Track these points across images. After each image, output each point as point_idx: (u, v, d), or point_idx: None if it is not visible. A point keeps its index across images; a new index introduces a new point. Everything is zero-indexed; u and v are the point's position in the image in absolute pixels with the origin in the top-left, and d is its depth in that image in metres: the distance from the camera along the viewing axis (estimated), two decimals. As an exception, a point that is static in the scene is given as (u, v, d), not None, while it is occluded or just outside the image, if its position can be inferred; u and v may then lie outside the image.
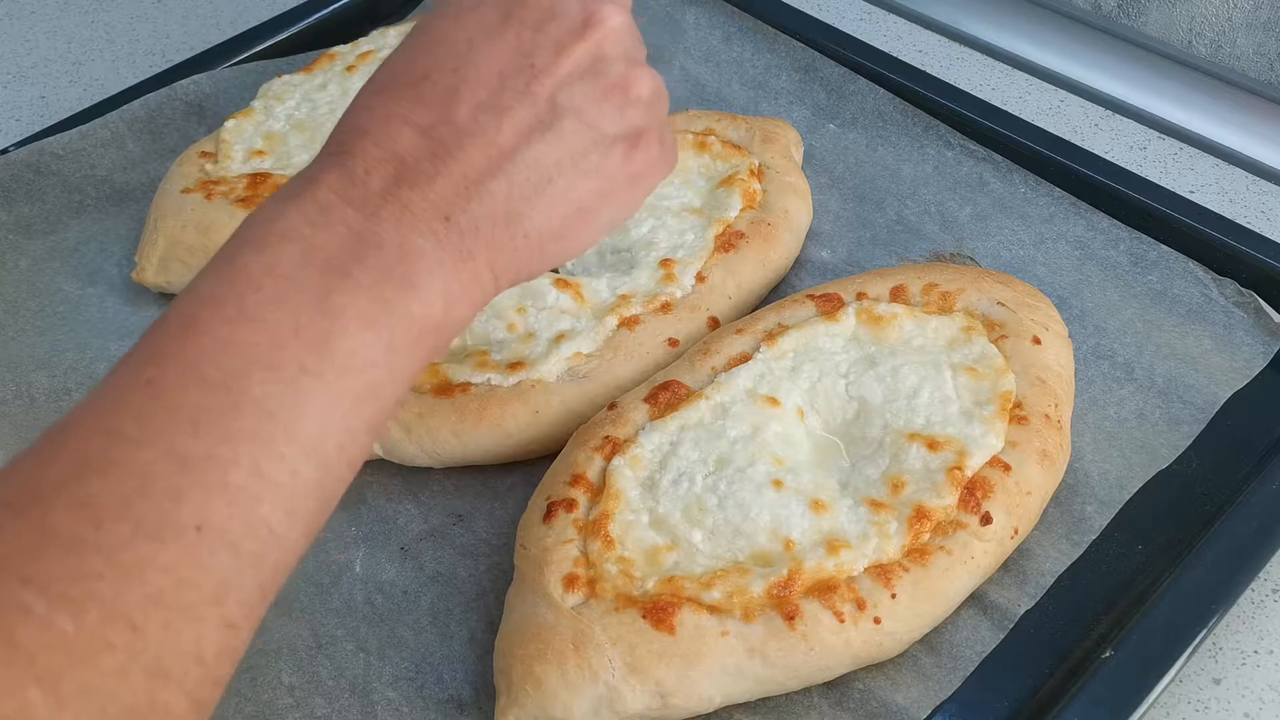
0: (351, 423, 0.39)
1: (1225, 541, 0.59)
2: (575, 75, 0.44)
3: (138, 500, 0.34)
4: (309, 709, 0.56)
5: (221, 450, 0.35)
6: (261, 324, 0.38)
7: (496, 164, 0.43)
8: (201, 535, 0.34)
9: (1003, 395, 0.61)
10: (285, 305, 0.38)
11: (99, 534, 0.33)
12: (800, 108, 0.87)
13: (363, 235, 0.40)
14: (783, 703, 0.55)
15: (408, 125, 0.42)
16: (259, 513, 0.36)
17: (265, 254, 0.39)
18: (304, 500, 0.38)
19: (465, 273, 0.42)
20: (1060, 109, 0.90)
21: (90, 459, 0.34)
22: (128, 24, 1.04)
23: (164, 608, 0.33)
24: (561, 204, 0.44)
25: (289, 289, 0.38)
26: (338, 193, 0.41)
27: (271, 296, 0.38)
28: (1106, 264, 0.74)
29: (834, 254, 0.78)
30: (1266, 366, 0.68)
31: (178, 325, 0.38)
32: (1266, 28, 0.86)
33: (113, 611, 0.32)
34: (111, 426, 0.35)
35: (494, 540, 0.63)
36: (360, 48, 0.87)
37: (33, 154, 0.82)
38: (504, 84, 0.43)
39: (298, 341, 0.38)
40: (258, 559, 0.36)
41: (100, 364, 0.72)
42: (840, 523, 0.57)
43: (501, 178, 0.43)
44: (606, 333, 0.68)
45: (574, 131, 0.44)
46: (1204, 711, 0.56)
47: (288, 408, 0.37)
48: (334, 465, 0.39)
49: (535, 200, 0.44)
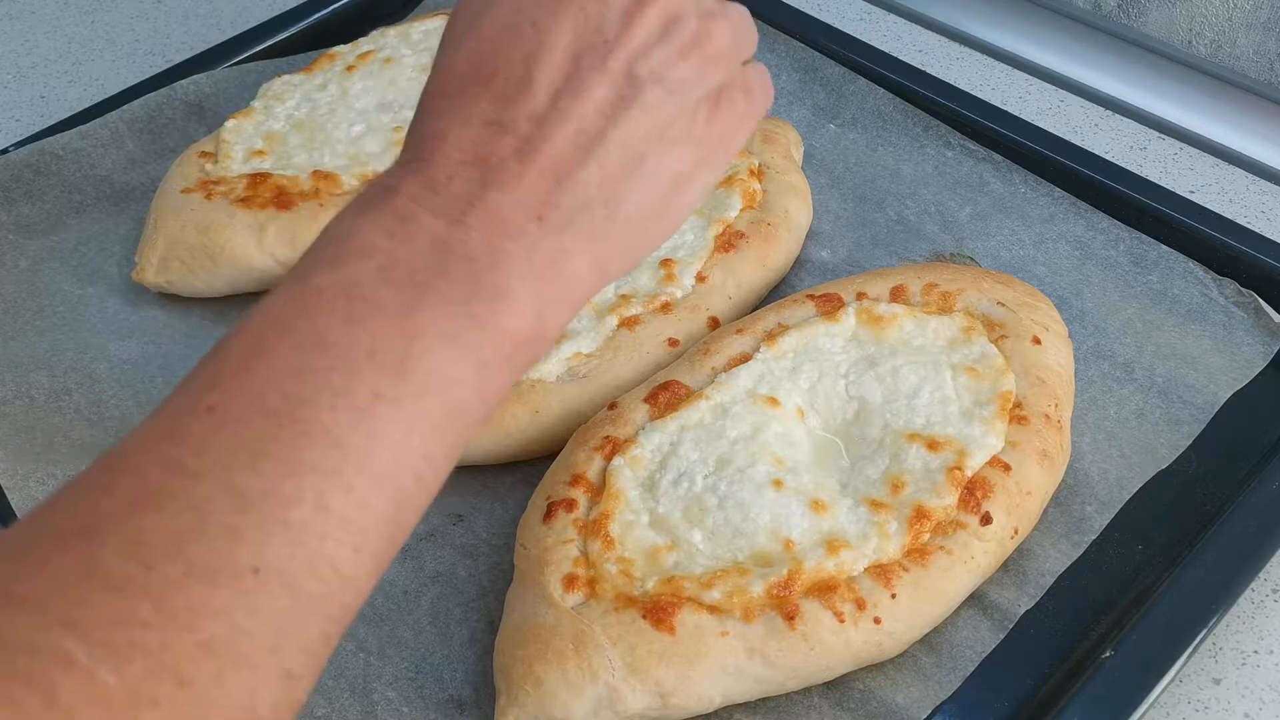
0: (431, 449, 0.36)
1: (1225, 541, 0.59)
2: (650, 42, 0.41)
3: (191, 539, 0.32)
4: (309, 709, 0.56)
5: (284, 484, 0.33)
6: (333, 348, 0.35)
7: (586, 150, 0.40)
8: (259, 578, 0.32)
9: (1003, 395, 0.61)
10: (361, 326, 0.36)
11: (149, 576, 0.31)
12: (800, 108, 0.87)
13: (448, 245, 0.38)
14: (783, 703, 0.55)
15: (487, 124, 0.40)
16: (323, 551, 0.33)
17: (339, 271, 0.37)
18: (374, 536, 0.35)
19: (562, 275, 0.40)
20: (1060, 109, 0.90)
21: (145, 492, 0.32)
22: (128, 24, 1.04)
23: (216, 657, 0.31)
24: (656, 180, 0.42)
25: (365, 309, 0.36)
26: (418, 201, 0.38)
27: (345, 317, 0.36)
28: (1106, 264, 0.74)
29: (834, 254, 0.78)
30: (1266, 366, 0.68)
31: (242, 349, 0.35)
32: (1266, 28, 0.86)
33: (159, 663, 0.30)
34: (169, 456, 0.33)
35: (494, 540, 0.63)
36: (360, 48, 0.87)
37: (33, 154, 0.82)
38: (579, 64, 0.40)
39: (372, 365, 0.35)
40: (321, 602, 0.33)
41: (100, 364, 0.72)
42: (840, 523, 0.57)
43: (592, 164, 0.40)
44: (606, 332, 0.68)
45: (658, 101, 0.41)
46: (1204, 711, 0.56)
47: (359, 436, 0.34)
48: (409, 496, 0.36)
49: (630, 181, 0.41)
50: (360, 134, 0.80)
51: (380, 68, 0.84)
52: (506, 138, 0.40)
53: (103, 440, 0.68)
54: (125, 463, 0.33)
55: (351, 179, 0.77)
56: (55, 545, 0.31)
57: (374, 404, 0.35)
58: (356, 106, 0.82)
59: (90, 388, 0.71)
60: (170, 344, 0.74)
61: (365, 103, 0.82)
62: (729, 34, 0.44)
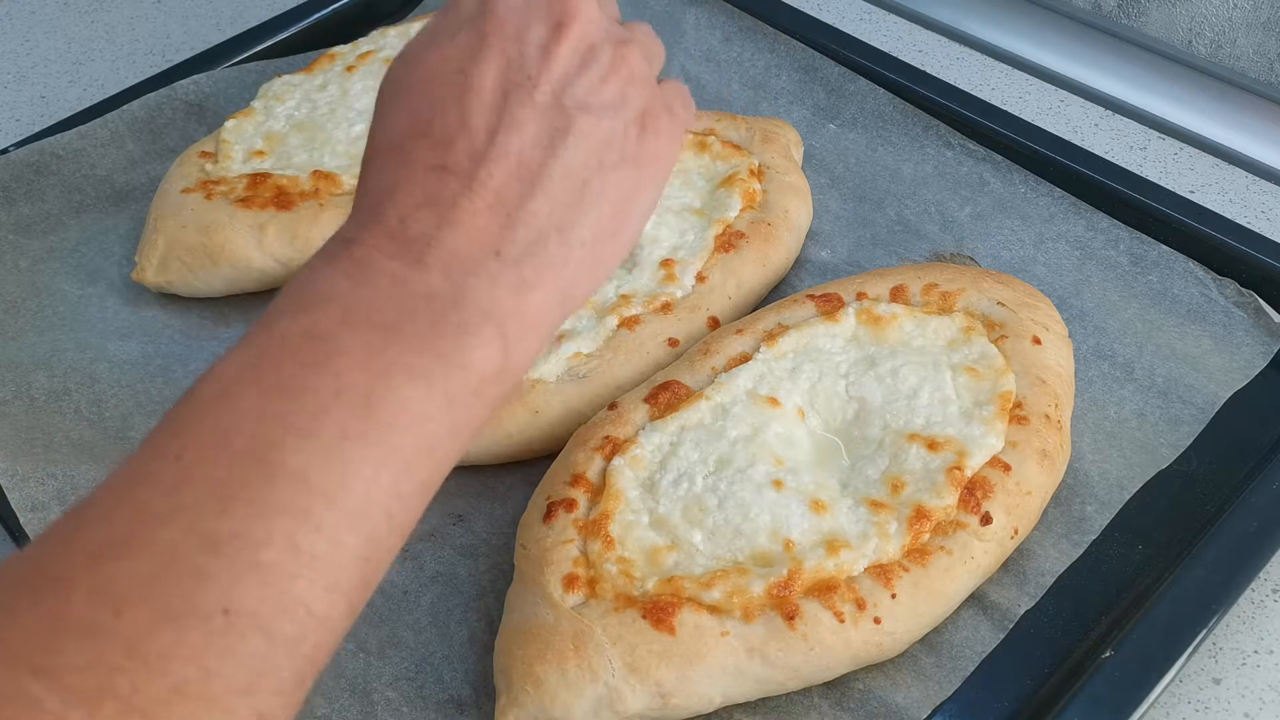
0: (402, 486, 0.37)
1: (1225, 541, 0.59)
2: (571, 73, 0.43)
3: (161, 582, 0.32)
4: (309, 709, 0.56)
5: (253, 526, 0.33)
6: (299, 391, 0.35)
7: (531, 183, 0.41)
8: (230, 619, 0.32)
9: (1003, 395, 0.61)
10: (326, 369, 0.36)
11: (119, 621, 0.31)
12: (800, 108, 0.87)
13: (409, 286, 0.38)
14: (783, 703, 0.55)
15: (432, 170, 0.41)
16: (295, 592, 0.33)
17: (303, 318, 0.37)
18: (347, 575, 0.35)
19: (526, 306, 0.40)
20: (1060, 109, 0.90)
21: (114, 538, 0.32)
22: (128, 24, 1.04)
23: (187, 700, 0.31)
24: (603, 203, 0.43)
25: (330, 352, 0.36)
26: (377, 247, 0.39)
27: (310, 361, 0.36)
28: (1106, 264, 0.74)
29: (834, 254, 0.78)
30: (1266, 366, 0.68)
31: (209, 396, 0.36)
32: (1266, 28, 0.86)
33: (130, 707, 0.30)
34: (137, 502, 0.33)
35: (494, 540, 0.63)
36: (360, 48, 0.87)
37: (33, 154, 0.82)
38: (508, 100, 0.42)
39: (339, 404, 0.35)
40: (295, 643, 0.33)
41: (100, 364, 0.72)
42: (840, 523, 0.57)
43: (540, 195, 0.41)
44: (607, 332, 0.68)
45: (590, 128, 0.43)
46: (1204, 711, 0.56)
47: (328, 475, 0.34)
48: (382, 534, 0.36)
49: (579, 208, 0.42)
50: (360, 134, 0.80)
51: (380, 68, 0.84)
52: (452, 179, 0.40)
53: (103, 440, 0.68)
54: (95, 511, 0.33)
55: (351, 179, 0.77)
56: (26, 595, 0.31)
57: (341, 443, 0.35)
58: (357, 106, 0.82)
59: (90, 388, 0.71)
60: (170, 344, 0.74)
61: (365, 103, 0.82)
62: (642, 56, 0.45)
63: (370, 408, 0.36)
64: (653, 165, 0.45)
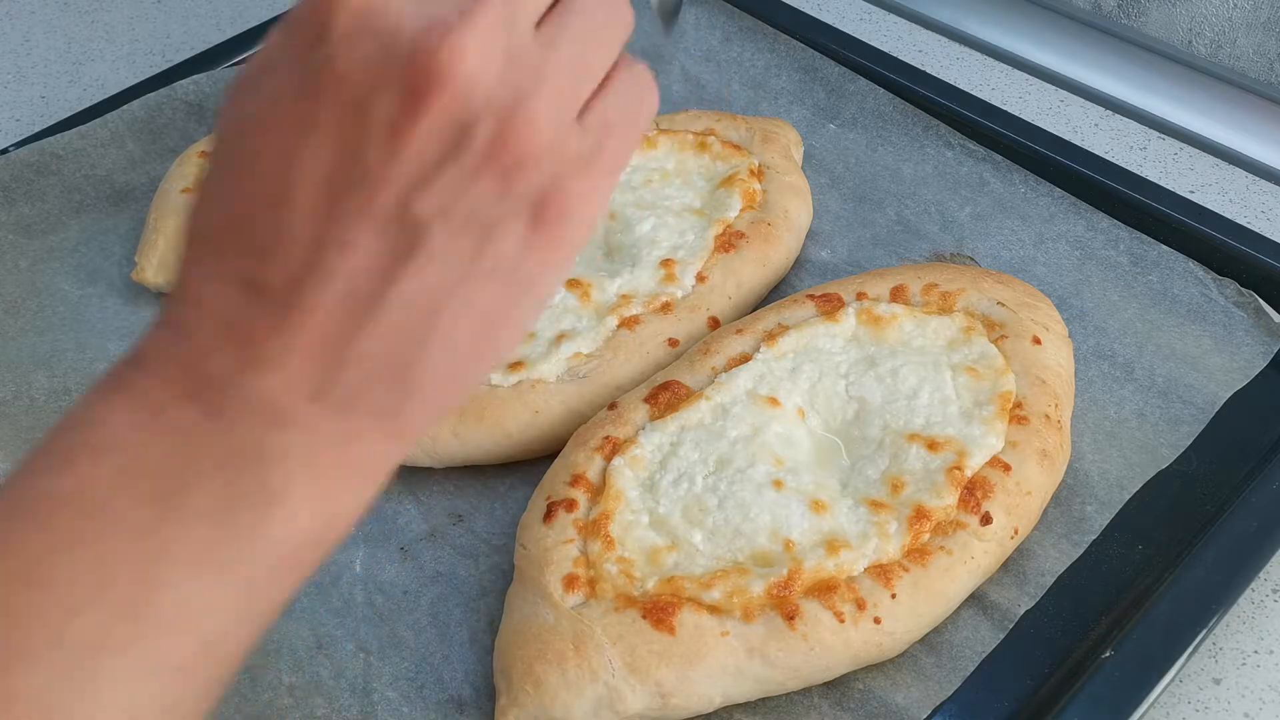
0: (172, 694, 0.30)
1: (1225, 541, 0.59)
2: (428, 168, 0.31)
3: None
4: (309, 709, 0.56)
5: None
6: (51, 584, 0.29)
7: (361, 316, 0.32)
8: None
9: (1003, 395, 0.61)
10: (89, 550, 0.29)
11: None
12: (800, 108, 0.87)
13: (202, 442, 0.31)
14: (783, 703, 0.55)
15: (243, 286, 0.32)
16: None
17: (69, 475, 0.30)
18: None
19: (350, 460, 0.33)
20: (1060, 109, 0.90)
21: None
22: (128, 24, 1.04)
23: None
24: (456, 334, 0.33)
25: (98, 526, 0.30)
26: (171, 384, 0.32)
27: (70, 539, 0.29)
28: (1106, 264, 0.74)
29: (834, 254, 0.78)
30: (1266, 366, 0.68)
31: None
32: (1266, 28, 0.86)
33: None
34: None
35: (494, 540, 0.63)
36: (360, 48, 0.87)
37: (33, 154, 0.82)
38: (338, 205, 0.31)
39: (100, 602, 0.29)
40: None
41: (100, 364, 0.72)
42: (840, 523, 0.57)
43: (373, 332, 0.32)
44: (607, 333, 0.68)
45: (447, 245, 0.32)
46: (1204, 711, 0.56)
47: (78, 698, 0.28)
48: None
49: (423, 345, 0.33)
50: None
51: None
52: (265, 304, 0.32)
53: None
54: None
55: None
56: None
57: (98, 654, 0.29)
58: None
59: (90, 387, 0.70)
60: (170, 344, 0.74)
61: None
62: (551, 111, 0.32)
63: (139, 606, 0.30)
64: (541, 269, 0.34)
